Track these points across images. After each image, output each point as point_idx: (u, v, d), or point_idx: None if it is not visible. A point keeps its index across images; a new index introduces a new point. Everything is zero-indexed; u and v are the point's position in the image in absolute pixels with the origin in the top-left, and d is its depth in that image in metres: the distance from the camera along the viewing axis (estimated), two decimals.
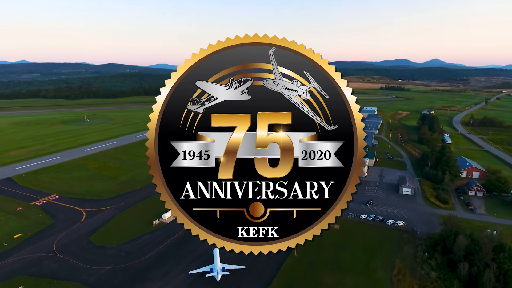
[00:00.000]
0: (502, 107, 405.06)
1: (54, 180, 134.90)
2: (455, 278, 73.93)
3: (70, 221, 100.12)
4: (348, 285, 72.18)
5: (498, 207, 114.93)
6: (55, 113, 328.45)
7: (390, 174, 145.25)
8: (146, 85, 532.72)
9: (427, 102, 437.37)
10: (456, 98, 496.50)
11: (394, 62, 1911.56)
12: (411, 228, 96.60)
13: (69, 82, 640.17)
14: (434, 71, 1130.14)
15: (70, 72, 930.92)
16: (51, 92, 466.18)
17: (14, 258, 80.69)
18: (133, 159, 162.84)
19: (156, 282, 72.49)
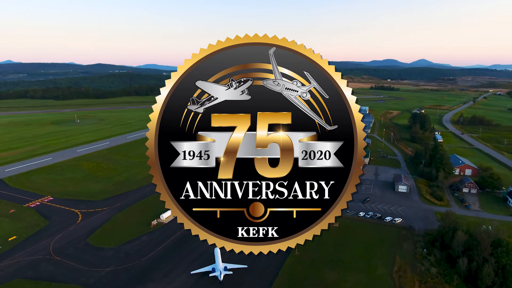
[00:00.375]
0: (490, 106, 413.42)
1: (47, 182, 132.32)
2: (455, 273, 74.91)
3: (66, 223, 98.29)
4: (350, 282, 72.54)
5: (491, 203, 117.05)
6: (44, 113, 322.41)
7: (385, 172, 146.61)
8: (137, 86, 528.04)
9: (416, 101, 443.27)
10: (444, 98, 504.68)
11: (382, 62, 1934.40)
12: (409, 225, 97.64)
13: (57, 83, 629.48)
14: (422, 71, 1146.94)
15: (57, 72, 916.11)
16: (39, 92, 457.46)
17: (9, 261, 78.78)
18: (127, 160, 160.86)
19: (158, 283, 71.66)
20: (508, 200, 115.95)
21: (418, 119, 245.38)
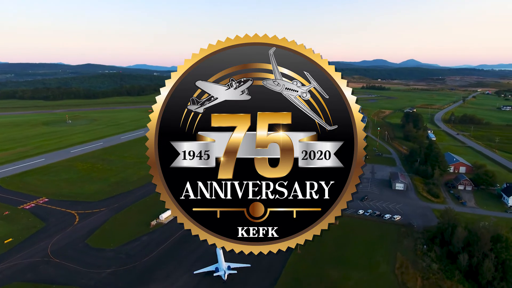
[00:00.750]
0: (479, 105, 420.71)
1: (41, 183, 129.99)
2: (456, 269, 75.90)
3: (63, 224, 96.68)
4: (353, 279, 72.90)
5: (487, 200, 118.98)
6: (34, 114, 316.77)
7: (381, 170, 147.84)
8: (128, 86, 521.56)
9: (407, 101, 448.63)
10: (434, 97, 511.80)
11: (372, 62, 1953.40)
12: (407, 222, 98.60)
13: (46, 83, 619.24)
14: (411, 71, 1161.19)
15: (46, 72, 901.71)
16: (28, 93, 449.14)
17: (7, 264, 77.11)
18: (122, 160, 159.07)
19: (161, 283, 70.96)
20: (503, 197, 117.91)
21: (411, 118, 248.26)
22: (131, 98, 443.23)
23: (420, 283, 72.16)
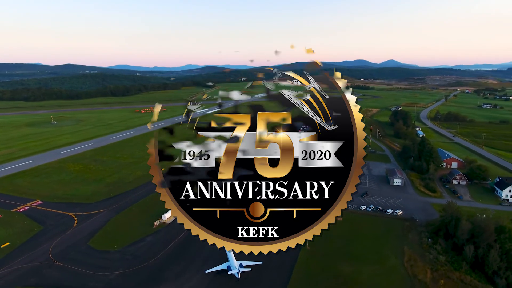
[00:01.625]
0: (460, 103, 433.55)
1: (32, 185, 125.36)
2: (462, 260, 77.45)
3: (62, 227, 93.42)
4: (365, 273, 73.33)
5: (481, 193, 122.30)
6: (16, 115, 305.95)
7: (376, 167, 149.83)
8: (112, 86, 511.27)
9: (392, 100, 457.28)
10: (417, 96, 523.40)
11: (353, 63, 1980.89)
12: (410, 216, 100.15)
13: (24, 84, 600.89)
14: (392, 71, 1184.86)
15: (24, 73, 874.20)
16: (7, 93, 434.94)
17: (8, 269, 73.82)
18: (115, 161, 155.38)
19: (173, 283, 69.49)
20: (496, 190, 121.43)
21: (399, 116, 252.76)
22: (116, 98, 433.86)
23: (430, 275, 73.25)
